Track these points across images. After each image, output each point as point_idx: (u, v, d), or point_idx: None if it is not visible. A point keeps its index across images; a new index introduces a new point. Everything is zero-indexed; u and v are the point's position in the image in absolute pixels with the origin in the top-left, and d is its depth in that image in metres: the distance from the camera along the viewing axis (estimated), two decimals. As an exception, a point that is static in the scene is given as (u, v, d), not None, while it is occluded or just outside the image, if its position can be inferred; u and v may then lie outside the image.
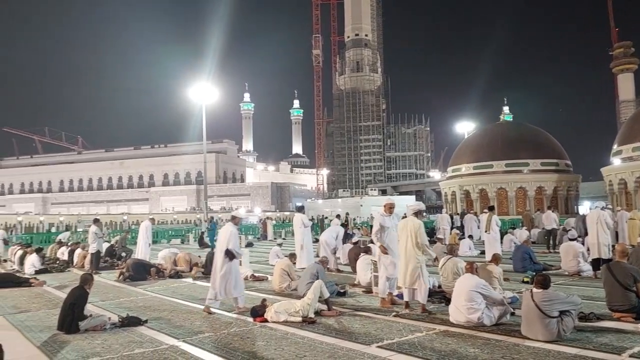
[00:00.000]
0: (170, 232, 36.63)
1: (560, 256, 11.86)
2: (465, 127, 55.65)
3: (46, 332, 6.80)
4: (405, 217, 8.59)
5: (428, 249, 7.65)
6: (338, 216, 18.90)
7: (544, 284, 5.96)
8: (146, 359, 5.35)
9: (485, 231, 14.12)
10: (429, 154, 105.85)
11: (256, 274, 11.93)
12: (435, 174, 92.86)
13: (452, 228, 21.91)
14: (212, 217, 30.00)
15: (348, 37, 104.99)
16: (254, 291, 9.99)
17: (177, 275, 12.81)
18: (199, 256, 14.80)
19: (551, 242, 17.48)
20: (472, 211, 27.65)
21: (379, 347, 5.58)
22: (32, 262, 14.57)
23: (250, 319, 7.18)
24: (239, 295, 7.95)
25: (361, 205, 58.88)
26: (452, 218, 25.23)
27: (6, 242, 24.37)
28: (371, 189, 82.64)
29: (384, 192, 79.86)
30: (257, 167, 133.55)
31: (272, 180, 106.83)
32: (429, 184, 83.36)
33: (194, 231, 34.69)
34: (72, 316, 6.70)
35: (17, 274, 13.42)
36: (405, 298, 7.64)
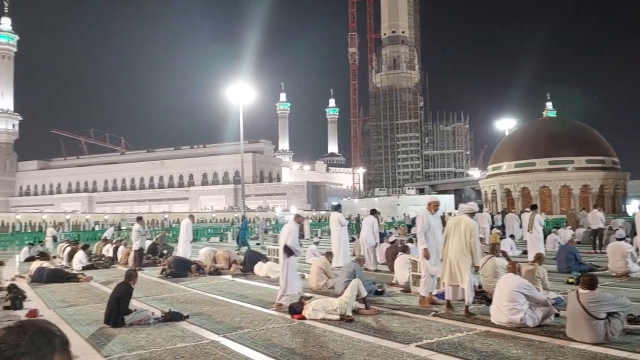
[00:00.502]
0: (209, 230, 37.42)
1: (607, 256, 11.44)
2: (506, 124, 54.32)
3: (94, 325, 7.06)
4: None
5: (477, 253, 7.29)
6: (373, 211, 17.87)
7: (591, 284, 5.76)
8: (188, 353, 5.48)
9: (528, 230, 13.75)
10: (468, 152, 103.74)
11: (294, 272, 12.01)
12: (474, 173, 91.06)
13: (492, 227, 21.44)
14: (244, 216, 30.31)
15: (384, 34, 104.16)
16: (291, 289, 10.09)
17: (217, 272, 13.04)
18: (238, 254, 15.05)
19: (597, 242, 16.85)
20: (513, 210, 26.98)
21: (418, 346, 5.52)
22: (80, 258, 15.17)
23: (288, 316, 7.24)
24: (286, 294, 8.05)
25: (398, 205, 58.34)
26: (492, 217, 24.68)
27: (55, 239, 25.45)
28: (408, 188, 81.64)
29: (421, 191, 78.81)
30: (293, 166, 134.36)
31: (307, 180, 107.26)
32: (468, 182, 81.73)
33: (232, 229, 35.31)
34: (117, 310, 6.94)
35: (66, 270, 14.00)
36: (448, 297, 7.41)
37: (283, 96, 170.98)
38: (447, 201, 47.96)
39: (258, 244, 25.51)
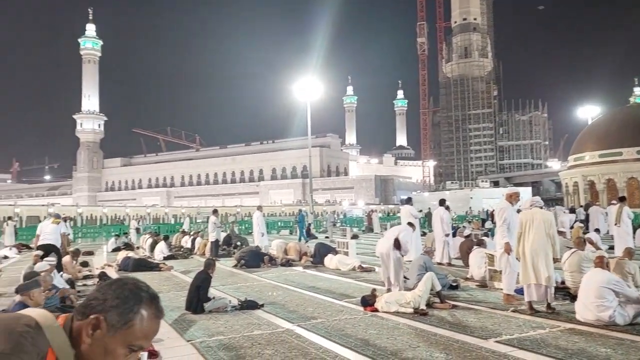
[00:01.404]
0: (279, 223, 38.28)
1: None
2: (588, 112, 50.95)
3: (176, 311, 7.44)
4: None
5: (557, 245, 6.77)
6: (442, 201, 16.49)
7: (692, 281, 5.27)
8: (265, 340, 5.63)
9: (616, 224, 12.85)
10: (547, 142, 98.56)
11: (363, 265, 12.02)
12: (553, 164, 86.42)
13: (574, 222, 20.24)
14: (300, 210, 30.71)
15: (455, 22, 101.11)
16: (362, 281, 10.09)
17: (288, 263, 13.32)
18: (308, 246, 15.25)
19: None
20: (597, 203, 25.31)
21: (497, 342, 5.33)
22: (161, 249, 16.03)
23: (361, 308, 7.24)
24: (394, 283, 8.27)
25: (471, 198, 56.49)
26: (574, 211, 23.30)
27: (138, 231, 27.09)
28: (482, 181, 78.79)
29: (496, 184, 75.86)
30: (360, 160, 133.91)
31: (375, 173, 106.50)
32: (547, 174, 77.70)
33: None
34: (197, 298, 7.27)
35: (149, 260, 14.87)
36: (529, 298, 6.77)
37: (350, 89, 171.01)
38: (524, 194, 45.88)
39: (327, 237, 25.72)
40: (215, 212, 16.55)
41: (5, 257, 17.81)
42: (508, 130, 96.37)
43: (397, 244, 8.35)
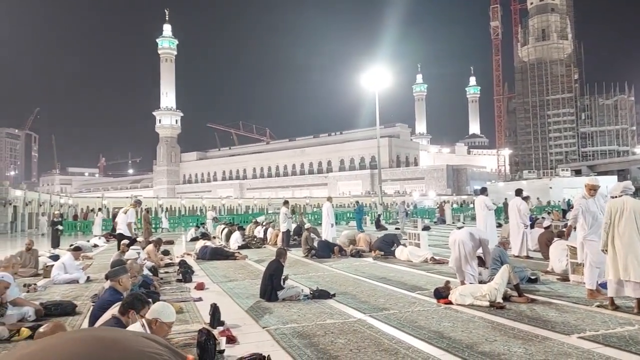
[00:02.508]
0: (348, 214, 38.36)
1: None
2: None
3: (251, 299, 7.71)
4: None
5: None
6: (518, 191, 14.19)
7: None
8: (337, 329, 5.70)
9: None
10: (634, 128, 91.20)
11: (436, 257, 11.80)
12: (642, 151, 79.84)
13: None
14: (358, 201, 30.42)
15: (531, 3, 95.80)
16: (434, 273, 9.92)
17: (358, 254, 13.33)
18: (378, 237, 15.17)
19: None
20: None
21: (580, 337, 5.06)
22: (236, 238, 16.64)
23: (434, 300, 7.13)
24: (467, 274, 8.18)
25: (550, 188, 53.58)
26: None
27: (216, 221, 28.24)
28: (562, 170, 74.32)
29: (577, 173, 71.39)
30: (431, 149, 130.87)
31: (447, 163, 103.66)
32: (635, 162, 72.08)
33: (370, 214, 35.71)
34: (271, 286, 7.48)
35: (225, 249, 15.47)
36: (616, 294, 6.28)
37: (420, 77, 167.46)
38: (608, 183, 42.83)
39: (397, 228, 25.45)
40: (286, 203, 16.88)
41: (95, 246, 19.24)
42: (591, 115, 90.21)
43: (480, 261, 8.24)
